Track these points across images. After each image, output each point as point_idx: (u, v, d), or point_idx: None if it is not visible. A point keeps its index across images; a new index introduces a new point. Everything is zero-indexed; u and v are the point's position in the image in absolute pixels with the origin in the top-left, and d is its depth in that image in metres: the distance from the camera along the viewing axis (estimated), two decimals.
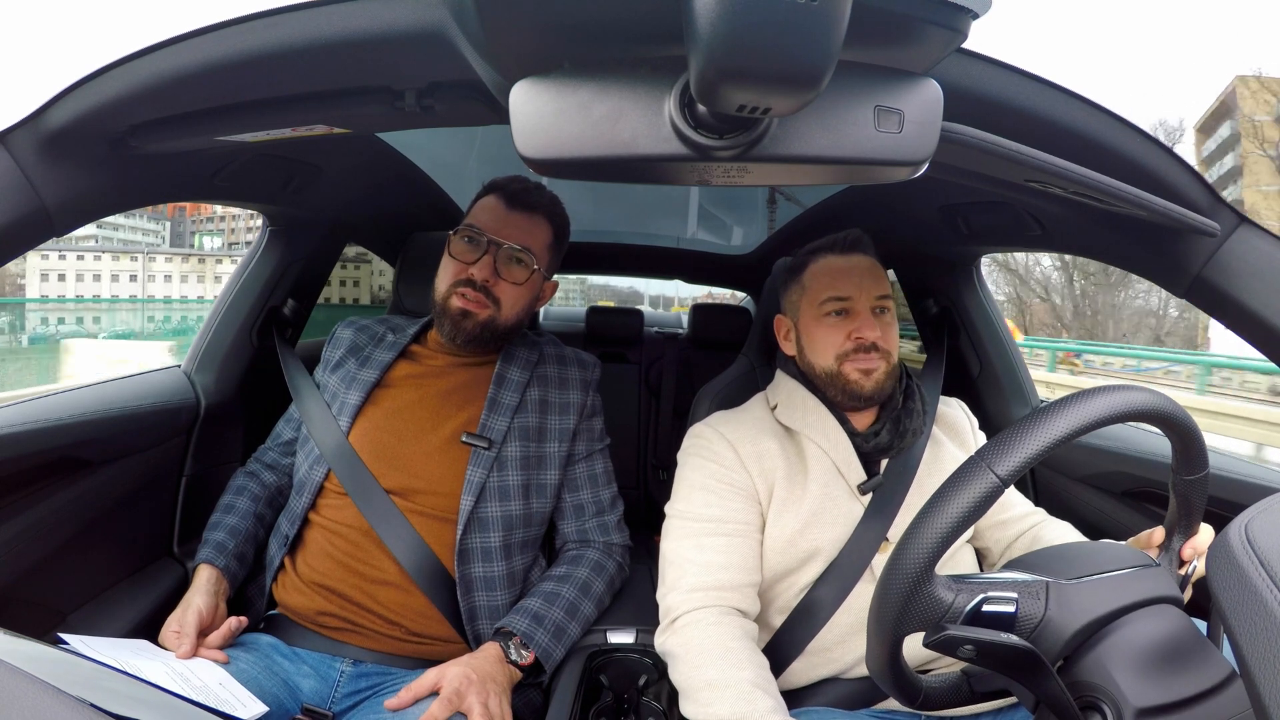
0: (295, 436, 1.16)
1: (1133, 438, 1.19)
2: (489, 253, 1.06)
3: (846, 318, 0.96)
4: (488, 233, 1.06)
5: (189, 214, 54.88)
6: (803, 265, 1.03)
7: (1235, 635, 0.37)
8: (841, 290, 0.96)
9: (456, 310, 1.06)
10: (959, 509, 0.55)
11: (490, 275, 1.06)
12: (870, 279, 0.97)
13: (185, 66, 0.64)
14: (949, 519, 0.55)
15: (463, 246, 1.07)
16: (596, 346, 2.13)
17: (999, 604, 0.58)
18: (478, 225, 1.06)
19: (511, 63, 0.50)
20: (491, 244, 1.06)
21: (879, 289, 0.97)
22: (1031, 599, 0.59)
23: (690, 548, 0.91)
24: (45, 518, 0.96)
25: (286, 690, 0.90)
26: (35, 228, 0.74)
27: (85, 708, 0.36)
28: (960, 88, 0.62)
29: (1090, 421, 0.56)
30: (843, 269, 0.98)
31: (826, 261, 1.00)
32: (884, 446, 0.96)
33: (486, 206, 1.09)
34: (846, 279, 0.96)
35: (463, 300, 1.05)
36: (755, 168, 0.50)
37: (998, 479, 0.54)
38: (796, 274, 1.03)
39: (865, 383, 0.94)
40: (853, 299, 0.95)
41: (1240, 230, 0.75)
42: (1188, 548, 0.70)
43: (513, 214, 1.08)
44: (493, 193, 1.11)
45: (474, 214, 1.09)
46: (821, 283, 0.98)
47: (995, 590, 0.59)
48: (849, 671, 0.92)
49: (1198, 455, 0.62)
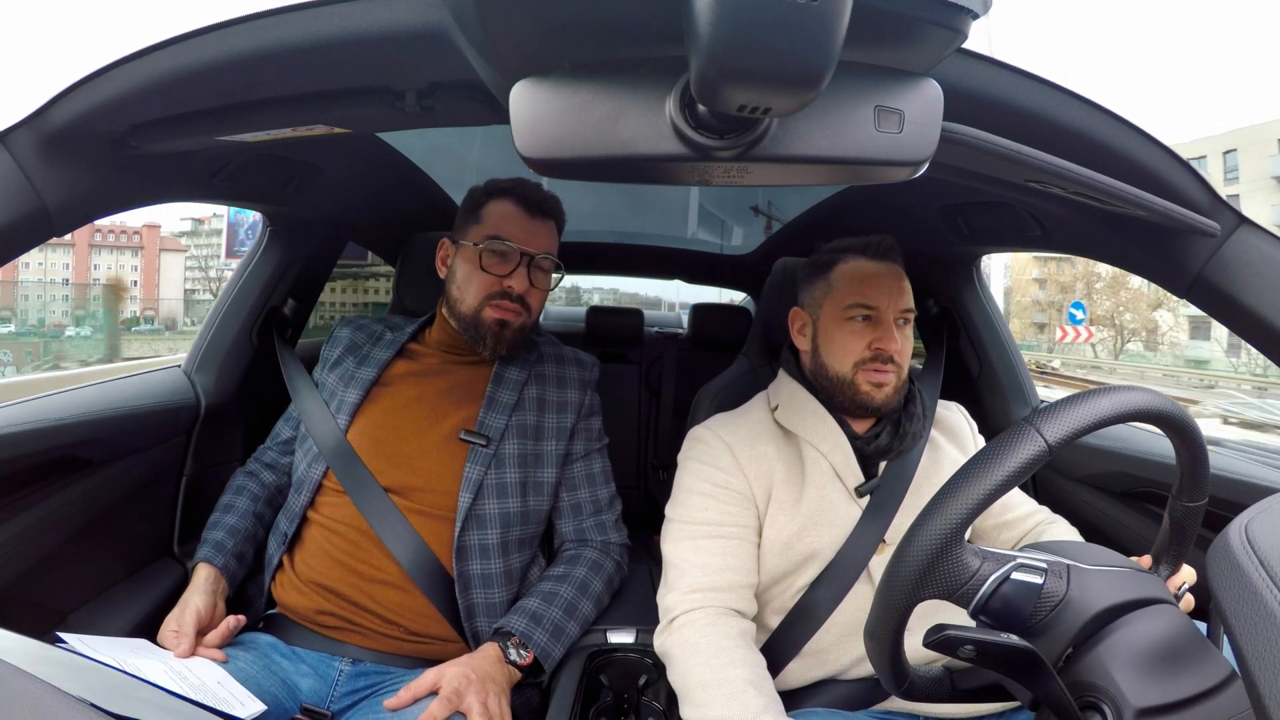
0: (294, 435, 1.16)
1: (1133, 438, 1.19)
2: (522, 264, 1.06)
3: (870, 325, 0.95)
4: (518, 244, 1.06)
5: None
6: (831, 263, 1.00)
7: (1235, 635, 0.37)
8: (870, 298, 0.95)
9: (493, 321, 1.06)
10: (1004, 471, 0.53)
11: (527, 286, 1.07)
12: (899, 290, 0.96)
13: (185, 66, 0.64)
14: (992, 480, 0.53)
15: (493, 259, 1.06)
16: (596, 346, 2.13)
17: (1029, 573, 0.58)
18: (506, 236, 1.06)
19: (511, 63, 0.50)
20: (524, 255, 1.06)
21: (905, 302, 0.96)
22: (1055, 577, 0.58)
23: (688, 550, 0.91)
24: (45, 517, 0.96)
25: (285, 689, 0.90)
26: (35, 228, 0.74)
27: (85, 707, 0.36)
28: (960, 88, 0.62)
29: (1139, 411, 0.55)
30: (873, 276, 0.96)
31: (857, 264, 0.98)
32: (884, 449, 0.96)
33: (508, 215, 1.08)
34: (877, 287, 0.95)
35: (500, 311, 1.06)
36: (755, 168, 0.50)
37: (1046, 444, 0.53)
38: (823, 271, 1.01)
39: (876, 395, 0.94)
40: (880, 308, 0.94)
41: (1240, 230, 0.75)
42: (1176, 579, 0.70)
43: (535, 222, 1.09)
44: (506, 198, 1.09)
45: (495, 223, 1.07)
46: (850, 286, 0.97)
47: (1026, 559, 0.58)
48: (847, 672, 0.92)
49: (1202, 482, 0.62)
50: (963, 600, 0.58)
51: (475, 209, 1.10)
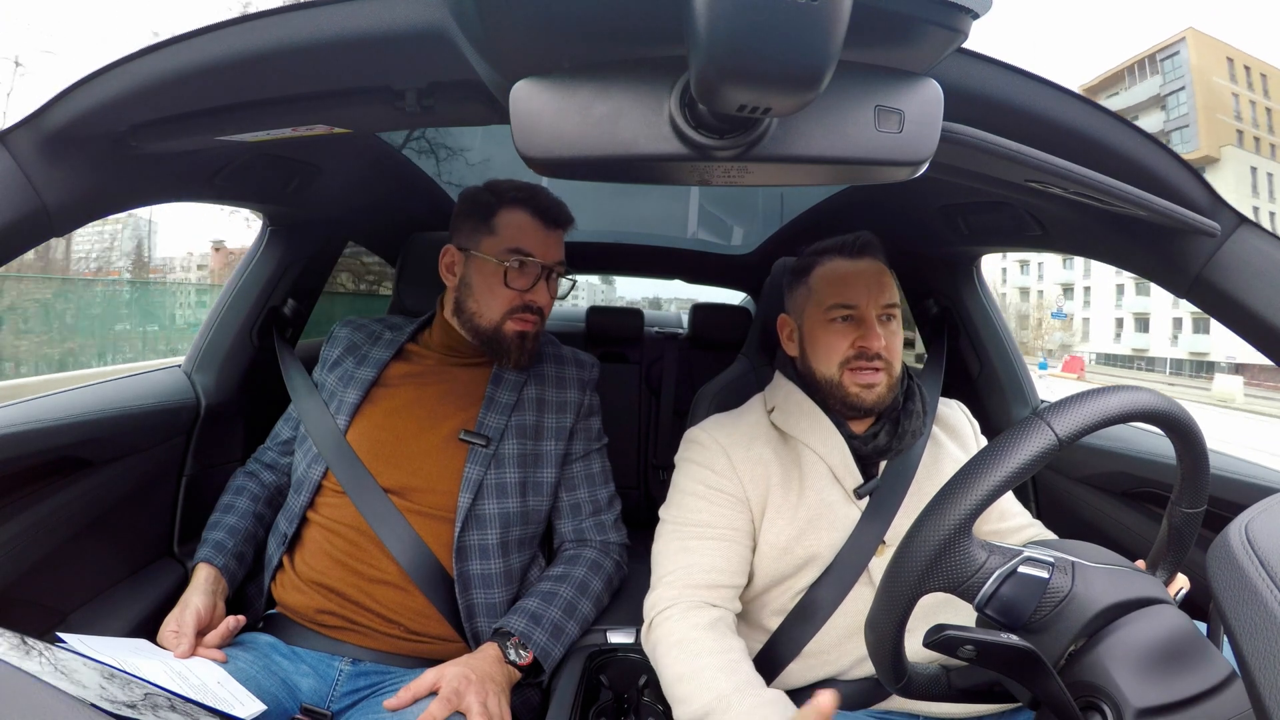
0: (294, 436, 1.16)
1: (1133, 438, 1.19)
2: (542, 276, 1.07)
3: (852, 324, 0.95)
4: (538, 258, 1.06)
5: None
6: (809, 267, 1.01)
7: (1235, 635, 0.37)
8: (849, 297, 0.95)
9: (515, 334, 1.06)
10: (1015, 463, 0.53)
11: (548, 299, 1.09)
12: (878, 286, 0.95)
13: (185, 66, 0.64)
14: (1003, 472, 0.53)
15: (515, 273, 1.05)
16: (597, 346, 2.13)
17: (1035, 568, 0.57)
18: (528, 250, 1.05)
19: (512, 63, 0.50)
20: (543, 268, 1.07)
21: (887, 297, 0.95)
22: (1061, 573, 0.58)
23: (676, 550, 0.92)
24: (46, 517, 0.96)
25: (285, 689, 0.90)
26: (35, 228, 0.74)
27: (85, 707, 0.36)
28: (960, 88, 0.62)
29: (1146, 411, 0.55)
30: (851, 274, 0.96)
31: (834, 265, 0.98)
32: (882, 449, 0.95)
33: (525, 227, 1.06)
34: (855, 285, 0.95)
35: (521, 324, 1.07)
36: (756, 168, 0.50)
37: (1057, 438, 0.53)
38: (803, 275, 1.01)
39: (866, 396, 0.93)
40: (860, 306, 0.94)
41: (1240, 230, 0.75)
42: (1171, 587, 0.70)
43: (551, 233, 1.09)
44: (521, 208, 1.07)
45: (512, 236, 1.06)
46: (829, 287, 0.97)
47: (1033, 554, 0.58)
48: (847, 673, 0.92)
49: (1202, 488, 0.62)
50: (968, 593, 0.57)
51: (485, 217, 1.07)
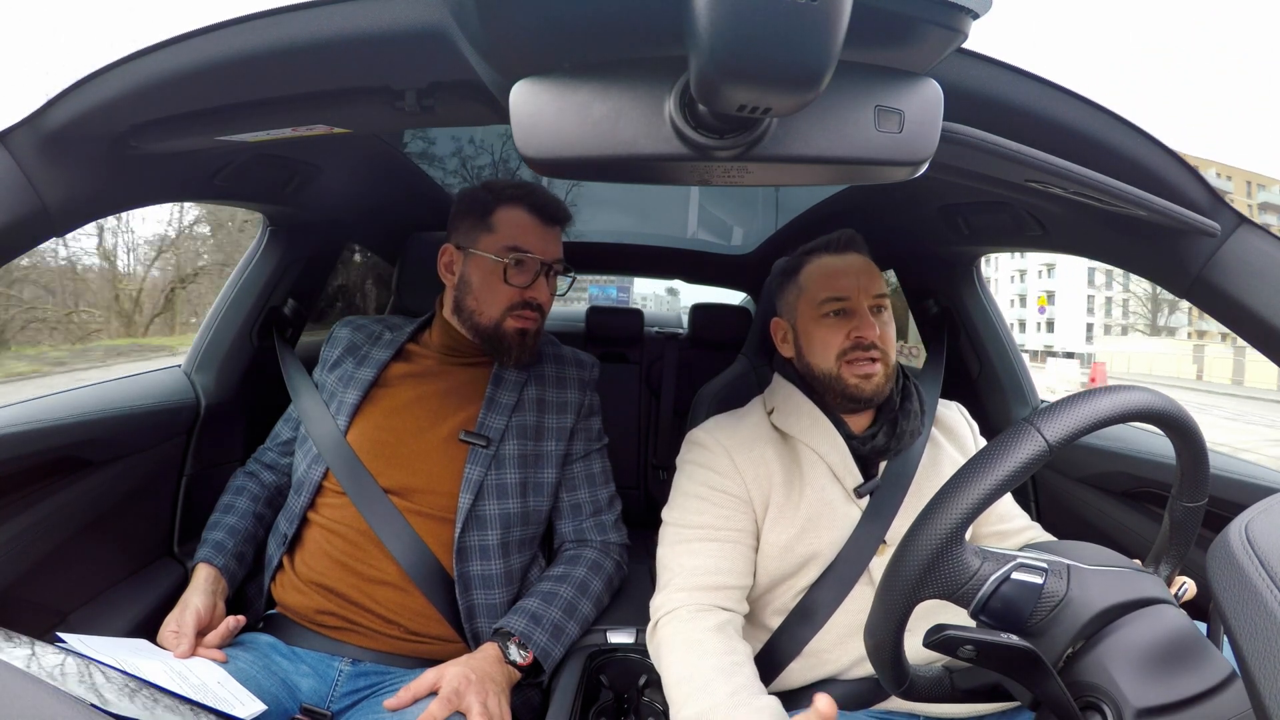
0: (294, 436, 1.16)
1: (1133, 438, 1.19)
2: (541, 273, 1.07)
3: (845, 317, 0.96)
4: (537, 254, 1.06)
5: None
6: (798, 267, 1.03)
7: (1235, 635, 0.37)
8: (839, 290, 0.96)
9: (515, 331, 1.07)
10: (1004, 471, 0.53)
11: (548, 296, 1.09)
12: (867, 278, 0.97)
13: (185, 66, 0.64)
14: (993, 480, 0.53)
15: (514, 270, 1.06)
16: (597, 346, 2.13)
17: (1029, 573, 0.58)
18: (526, 247, 1.05)
19: (511, 63, 0.50)
20: (543, 264, 1.07)
21: (876, 287, 0.97)
22: (1056, 577, 0.58)
23: (681, 553, 0.92)
24: (45, 518, 0.96)
25: (285, 689, 0.90)
26: (35, 228, 0.74)
27: (85, 707, 0.36)
28: (960, 88, 0.62)
29: (1140, 410, 0.55)
30: (839, 269, 0.98)
31: (822, 262, 1.00)
32: (881, 448, 0.96)
33: (523, 225, 1.07)
34: (844, 278, 0.97)
35: (521, 321, 1.07)
36: (755, 168, 0.50)
37: (1046, 444, 0.53)
38: (792, 275, 1.03)
39: (865, 386, 0.94)
40: (851, 298, 0.96)
41: (1240, 230, 0.75)
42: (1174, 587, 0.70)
43: (549, 230, 1.09)
44: (518, 205, 1.07)
45: (511, 233, 1.06)
46: (819, 283, 0.98)
47: (1026, 559, 0.58)
48: (847, 673, 0.92)
49: (1202, 482, 0.62)
50: (963, 600, 0.58)
51: (483, 215, 1.08)
